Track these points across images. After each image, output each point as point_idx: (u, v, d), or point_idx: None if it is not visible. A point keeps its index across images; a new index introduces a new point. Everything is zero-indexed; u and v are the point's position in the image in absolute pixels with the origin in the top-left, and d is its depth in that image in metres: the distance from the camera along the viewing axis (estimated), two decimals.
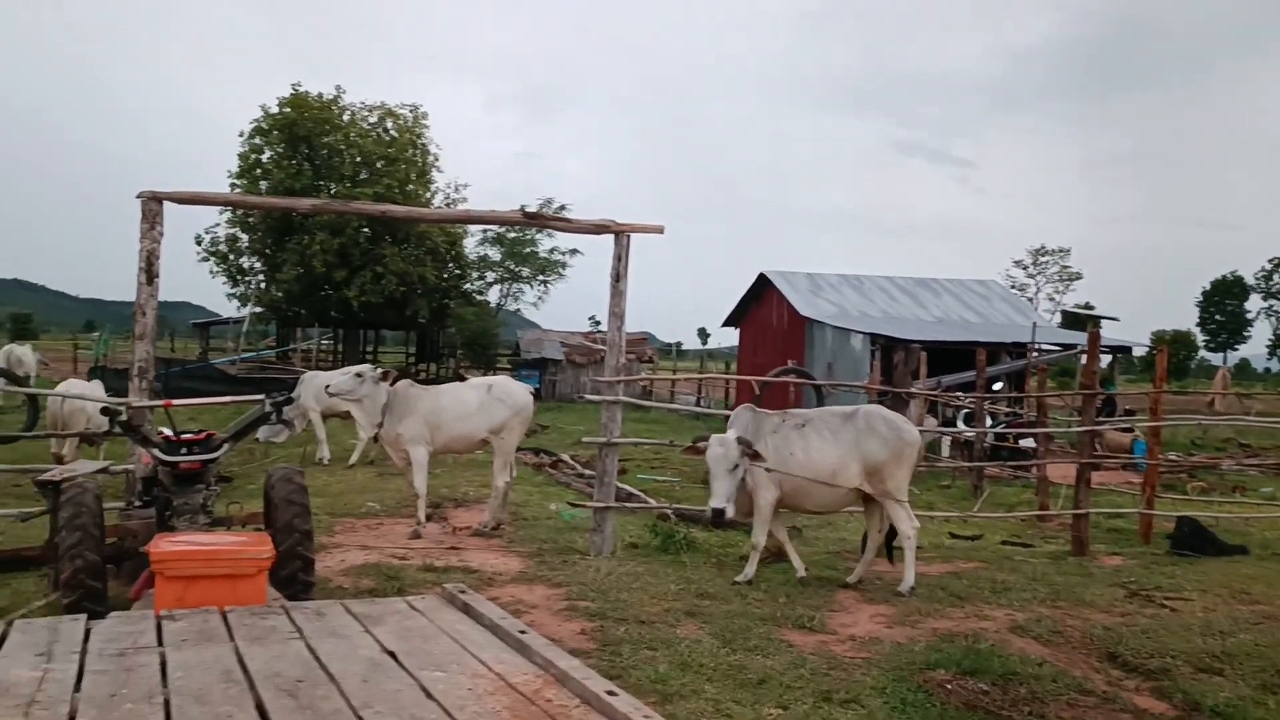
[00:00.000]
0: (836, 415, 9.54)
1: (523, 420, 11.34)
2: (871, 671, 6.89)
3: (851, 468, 9.16)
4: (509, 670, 3.53)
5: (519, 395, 11.33)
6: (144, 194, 9.14)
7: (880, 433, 9.24)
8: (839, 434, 9.26)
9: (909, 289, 34.78)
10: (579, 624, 7.61)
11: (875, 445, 9.19)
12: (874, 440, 9.20)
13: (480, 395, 11.29)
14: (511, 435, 11.22)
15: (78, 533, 6.43)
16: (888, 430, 9.28)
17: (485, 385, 11.60)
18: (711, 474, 8.65)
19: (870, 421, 9.33)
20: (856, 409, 9.61)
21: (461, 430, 11.13)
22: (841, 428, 9.30)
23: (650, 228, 10.18)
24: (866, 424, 9.30)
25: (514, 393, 11.35)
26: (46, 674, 3.35)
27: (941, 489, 17.82)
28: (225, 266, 40.35)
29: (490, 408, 11.12)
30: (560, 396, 38.95)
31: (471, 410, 11.15)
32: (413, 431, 11.01)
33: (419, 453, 11.00)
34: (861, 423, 9.31)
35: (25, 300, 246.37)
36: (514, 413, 11.15)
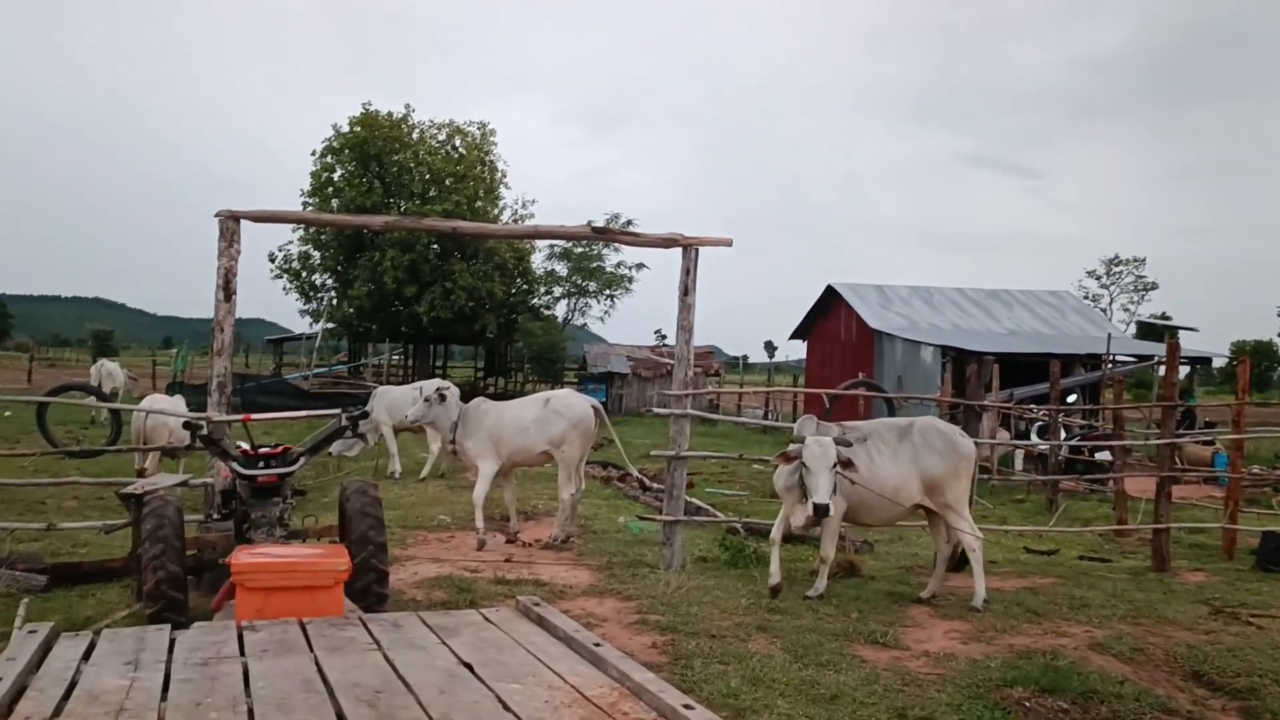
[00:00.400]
0: (893, 429, 9.45)
1: (582, 432, 11.23)
2: (947, 689, 6.78)
3: (911, 483, 9.09)
4: (584, 683, 3.53)
5: (577, 407, 11.30)
6: (222, 213, 9.34)
7: (936, 447, 9.16)
8: (897, 449, 9.18)
9: (980, 301, 34.30)
10: (650, 637, 7.60)
11: (932, 460, 9.11)
12: (931, 455, 9.13)
13: (537, 409, 11.36)
14: (571, 448, 11.16)
15: (160, 545, 6.56)
16: (943, 444, 9.20)
17: (543, 399, 11.64)
18: (812, 472, 8.46)
19: (926, 435, 9.25)
20: (912, 422, 9.52)
21: (520, 443, 11.21)
22: (899, 442, 9.23)
23: (719, 241, 10.16)
24: (923, 438, 9.22)
25: (572, 405, 11.33)
26: (134, 682, 3.42)
27: (1015, 503, 17.53)
28: (298, 283, 41.14)
29: (548, 421, 11.16)
30: (626, 410, 39.00)
31: (528, 424, 11.24)
32: (477, 446, 11.24)
33: (485, 466, 11.21)
34: (918, 437, 9.24)
35: (106, 318, 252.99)
36: (572, 425, 11.11)
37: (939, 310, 32.93)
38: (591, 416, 11.29)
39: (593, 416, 11.30)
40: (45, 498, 13.74)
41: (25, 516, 11.94)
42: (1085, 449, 19.50)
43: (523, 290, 42.44)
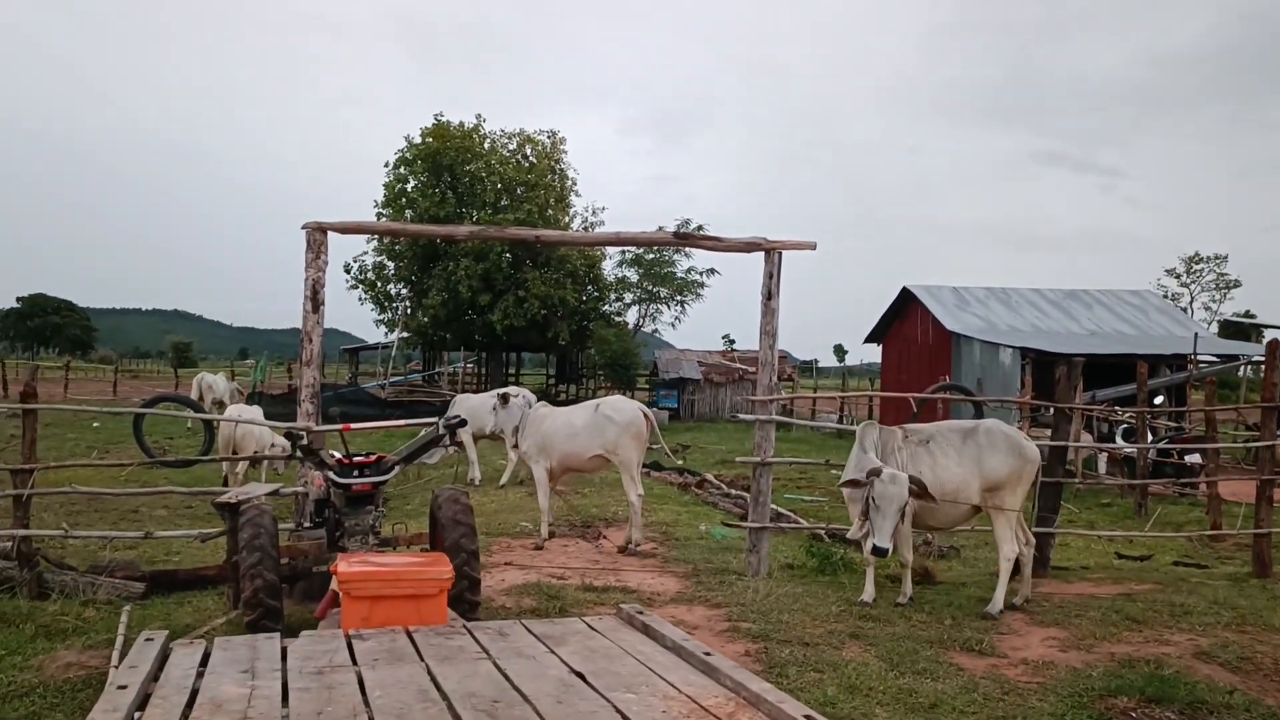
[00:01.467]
0: (957, 431, 9.29)
1: (634, 435, 11.28)
2: (1048, 698, 6.63)
3: (973, 484, 8.92)
4: (699, 693, 3.49)
5: (627, 412, 11.44)
6: (309, 225, 9.46)
7: (1001, 449, 9.00)
8: (962, 451, 9.02)
9: (1059, 301, 33.63)
10: (742, 645, 7.53)
11: (997, 462, 8.95)
12: (996, 457, 8.96)
13: (587, 414, 11.57)
14: (626, 451, 11.26)
15: (257, 553, 6.64)
16: (1008, 447, 9.04)
17: (593, 405, 11.83)
18: (880, 512, 8.31)
19: (991, 438, 9.08)
20: (976, 424, 9.34)
21: (570, 449, 11.45)
22: (963, 445, 9.07)
23: (802, 244, 10.06)
24: (988, 440, 9.06)
25: (622, 409, 11.49)
26: (254, 691, 3.45)
27: (1102, 507, 17.15)
28: (373, 293, 41.69)
29: (599, 426, 11.33)
30: (699, 416, 38.90)
31: (579, 429, 11.45)
32: (531, 450, 11.65)
33: (537, 471, 11.61)
34: (983, 439, 9.07)
35: (185, 329, 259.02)
36: (623, 429, 11.21)
37: (1017, 311, 32.34)
38: (641, 420, 11.38)
39: (643, 420, 11.39)
40: (138, 506, 14.05)
41: (119, 525, 12.23)
42: (1174, 452, 19.01)
43: (594, 297, 42.57)
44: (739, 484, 17.33)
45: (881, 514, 8.32)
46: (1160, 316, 33.31)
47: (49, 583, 8.84)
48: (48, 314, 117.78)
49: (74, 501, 13.39)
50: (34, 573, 8.77)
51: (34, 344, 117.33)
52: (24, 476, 9.00)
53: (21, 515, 8.96)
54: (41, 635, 7.58)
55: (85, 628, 7.82)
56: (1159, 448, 18.74)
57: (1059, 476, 10.79)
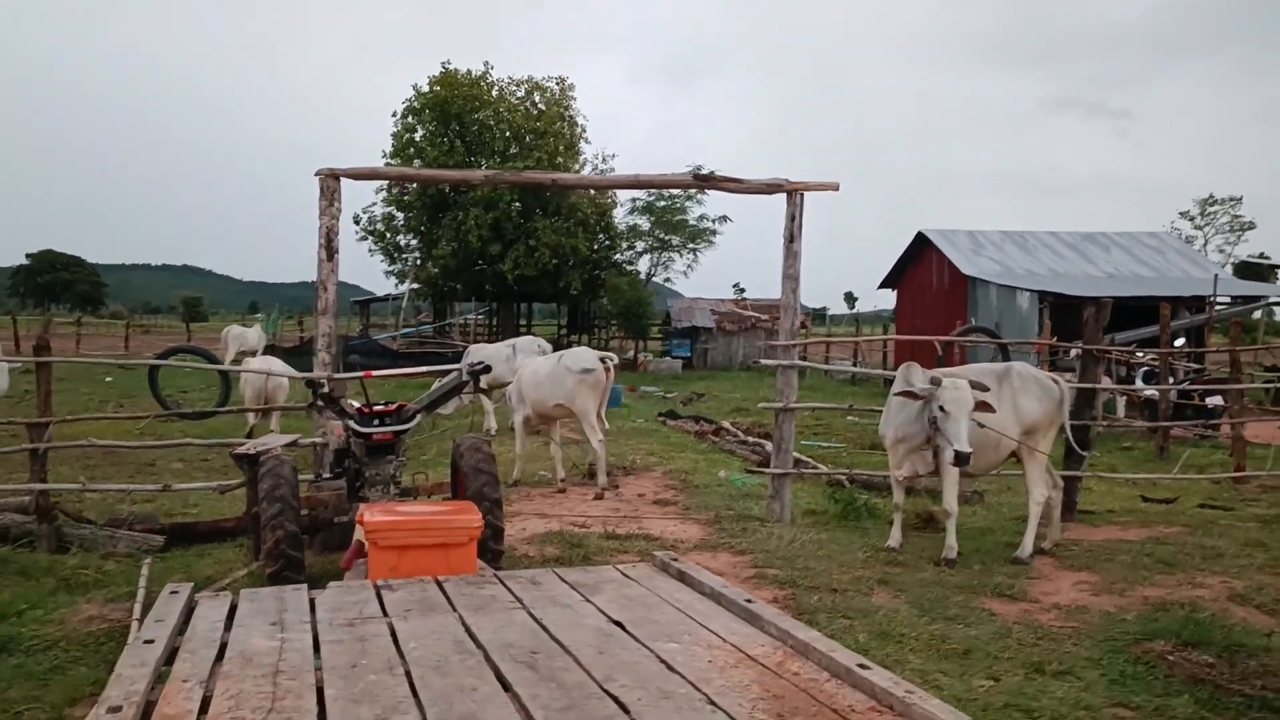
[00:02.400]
0: (990, 373, 9.09)
1: (591, 385, 11.66)
2: (1083, 642, 6.53)
3: (1011, 429, 8.76)
4: (744, 641, 3.37)
5: (584, 362, 11.79)
6: (322, 171, 9.28)
7: (1034, 392, 8.89)
8: (999, 394, 8.82)
9: (1076, 244, 33.25)
10: (770, 592, 7.44)
11: (1031, 404, 8.84)
12: (1029, 399, 8.85)
13: (551, 365, 12.07)
14: (583, 401, 11.62)
15: (278, 504, 6.54)
16: (1039, 388, 8.93)
17: (558, 356, 12.31)
18: (951, 417, 8.08)
19: (1024, 380, 8.97)
20: (1008, 366, 9.22)
21: (536, 396, 11.99)
22: (999, 388, 8.89)
23: (825, 185, 9.85)
24: (1021, 383, 8.93)
25: (580, 360, 11.87)
26: (284, 643, 3.34)
27: (1123, 451, 16.99)
28: (383, 245, 41.45)
29: (559, 377, 11.76)
30: (712, 364, 38.76)
31: (542, 379, 11.98)
32: (511, 398, 12.53)
33: (516, 418, 12.35)
34: (1016, 381, 8.94)
35: (194, 284, 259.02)
36: (579, 379, 11.60)
37: (1033, 255, 31.98)
38: (599, 371, 11.70)
39: (600, 371, 11.71)
40: (154, 459, 13.99)
41: (136, 478, 12.16)
42: (1196, 394, 18.81)
43: (605, 246, 42.24)
44: (756, 431, 17.22)
45: (953, 419, 8.10)
46: (1178, 258, 32.94)
47: (68, 536, 8.79)
48: (57, 270, 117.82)
49: (91, 455, 13.34)
50: (53, 527, 8.71)
51: (44, 300, 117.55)
52: (40, 430, 8.91)
53: (39, 469, 8.89)
54: (62, 589, 7.53)
55: (106, 581, 7.76)
56: (1180, 389, 18.54)
57: (1086, 420, 10.64)
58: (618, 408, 21.99)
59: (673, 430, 18.26)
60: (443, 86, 38.96)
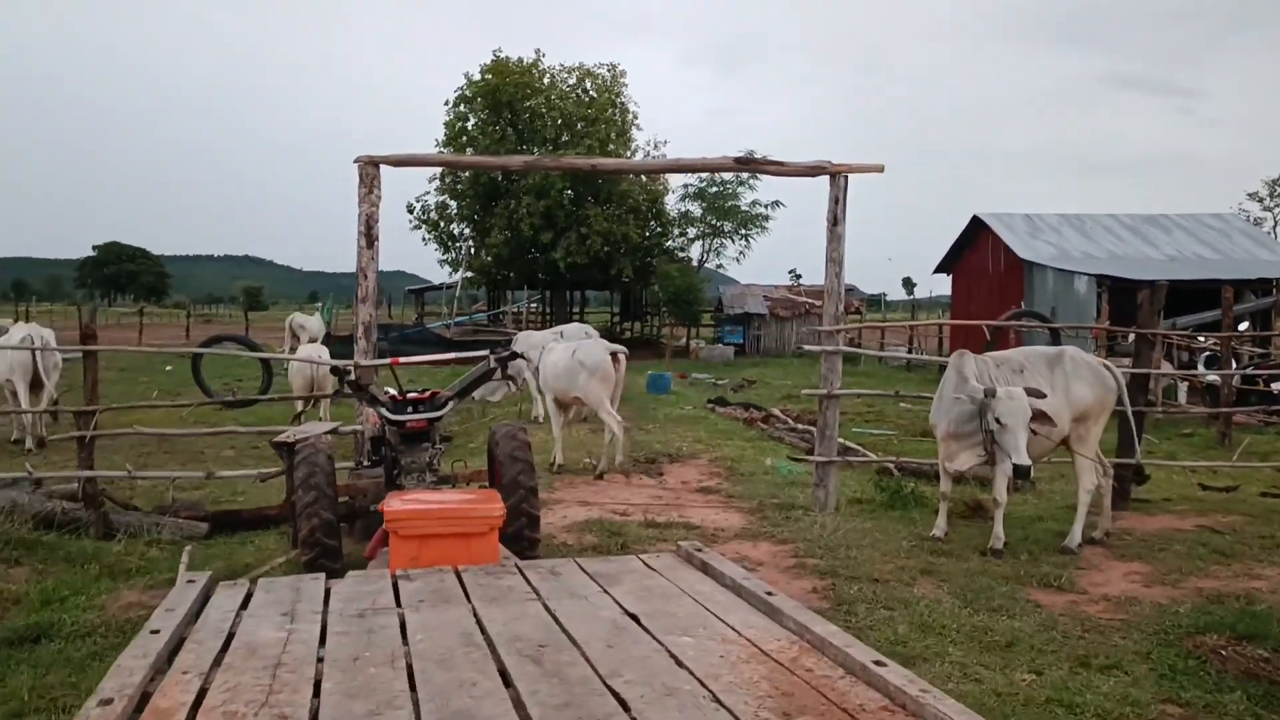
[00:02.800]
0: (1042, 358, 8.88)
1: (601, 378, 12.05)
2: (1132, 635, 6.34)
3: (1064, 415, 8.51)
4: (760, 636, 3.26)
5: (594, 357, 12.20)
6: (360, 159, 9.27)
7: (1085, 377, 8.65)
8: (1051, 380, 8.61)
9: (1136, 226, 32.48)
10: (809, 582, 7.32)
11: (1084, 390, 8.60)
12: (1082, 385, 8.62)
13: (567, 359, 12.43)
14: (594, 394, 12.00)
15: (313, 492, 6.52)
16: (1091, 374, 8.69)
17: (572, 349, 12.69)
18: (1009, 430, 7.87)
19: (1076, 365, 8.73)
20: (1061, 351, 8.96)
21: (558, 387, 12.46)
22: (1051, 372, 8.68)
23: (869, 167, 9.65)
24: (1073, 368, 8.69)
25: (590, 355, 12.28)
26: (291, 634, 3.30)
27: (1183, 438, 16.58)
28: (436, 233, 41.71)
29: (573, 371, 12.18)
30: (764, 351, 38.52)
31: (561, 371, 12.42)
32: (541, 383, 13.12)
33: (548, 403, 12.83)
34: (1069, 366, 8.70)
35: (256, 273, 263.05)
36: (590, 374, 12.01)
37: (1092, 238, 31.30)
38: (608, 365, 12.13)
39: (609, 365, 12.14)
40: (204, 447, 14.15)
41: (187, 466, 12.27)
42: (1260, 379, 18.30)
43: (657, 233, 42.13)
44: (806, 418, 17.03)
45: (1010, 431, 7.89)
46: (1244, 240, 32.06)
47: (115, 523, 8.89)
48: (123, 261, 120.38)
49: (145, 443, 13.52)
50: (99, 513, 8.81)
51: (110, 291, 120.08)
52: (87, 418, 9.03)
53: (86, 456, 9.01)
54: (106, 575, 7.62)
55: (148, 567, 7.84)
56: (1244, 374, 18.04)
57: (1140, 405, 10.35)
58: (666, 394, 21.93)
59: (721, 417, 18.14)
60: (494, 75, 39.08)
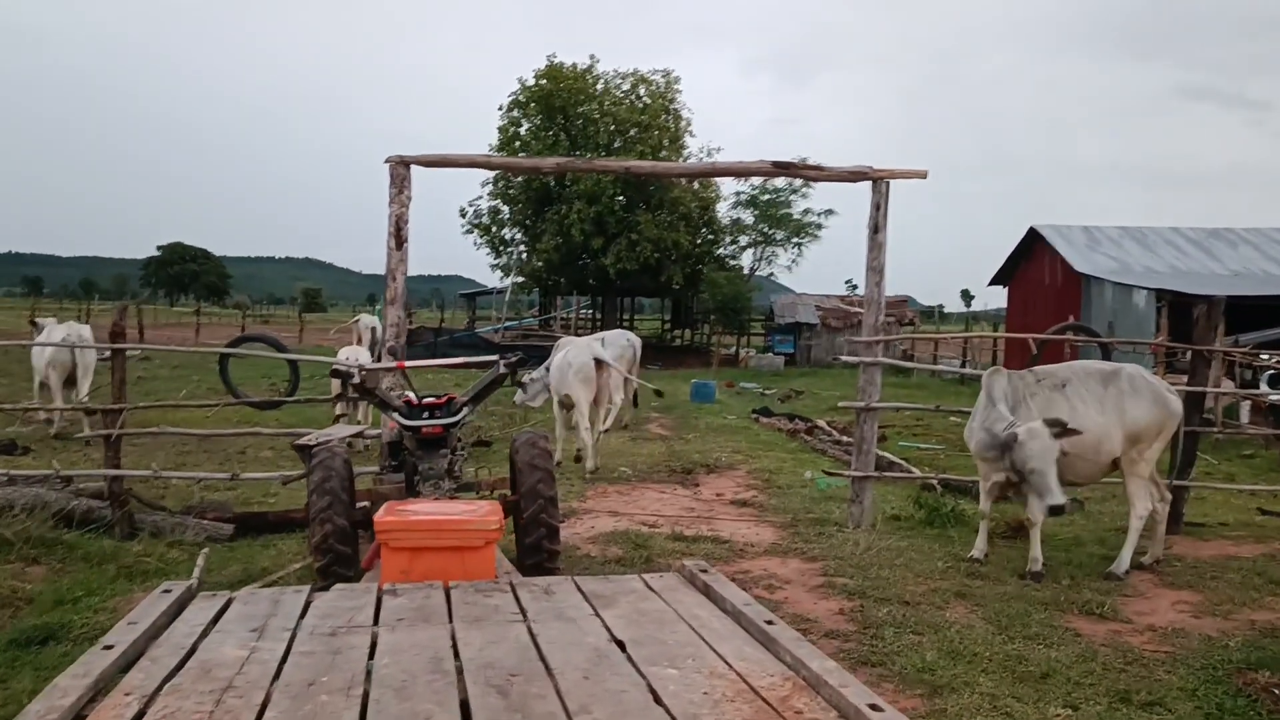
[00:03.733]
0: (1095, 374, 8.39)
1: (583, 380, 12.67)
2: (1177, 669, 5.98)
3: (1115, 435, 8.07)
4: (751, 669, 3.01)
5: (577, 361, 12.79)
6: (391, 159, 9.15)
7: (1146, 397, 8.14)
8: (1103, 397, 8.16)
9: (1200, 240, 31.62)
10: (836, 602, 7.04)
11: (1141, 411, 8.09)
12: (1140, 405, 8.11)
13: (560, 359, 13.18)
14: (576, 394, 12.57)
15: (327, 497, 6.36)
16: (1152, 395, 8.17)
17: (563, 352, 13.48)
18: (1037, 471, 7.56)
19: (1134, 384, 8.21)
20: (1119, 368, 8.47)
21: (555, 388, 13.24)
22: (1104, 389, 8.21)
23: (911, 173, 9.36)
24: (1131, 386, 8.19)
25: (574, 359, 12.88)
26: (253, 654, 3.10)
27: (1244, 459, 16.00)
28: (488, 238, 41.78)
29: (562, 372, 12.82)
30: (815, 361, 38.09)
31: (554, 372, 13.21)
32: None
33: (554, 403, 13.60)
34: (1125, 384, 8.20)
35: (316, 277, 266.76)
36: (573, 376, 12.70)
37: (1153, 251, 30.52)
38: (590, 366, 12.70)
39: (591, 366, 12.70)
40: (245, 447, 14.14)
41: (225, 466, 12.23)
42: None
43: (708, 240, 41.88)
44: (852, 431, 16.68)
45: (1039, 473, 7.56)
46: None
47: (140, 523, 8.84)
48: (185, 262, 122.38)
49: (185, 443, 13.53)
50: (124, 512, 8.76)
51: (173, 291, 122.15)
52: (113, 417, 8.98)
53: (113, 455, 8.96)
54: (123, 576, 7.54)
55: (167, 569, 7.75)
56: None
57: (1196, 425, 9.93)
58: (711, 403, 21.66)
59: (764, 428, 17.84)
60: (548, 80, 39.09)
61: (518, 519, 6.68)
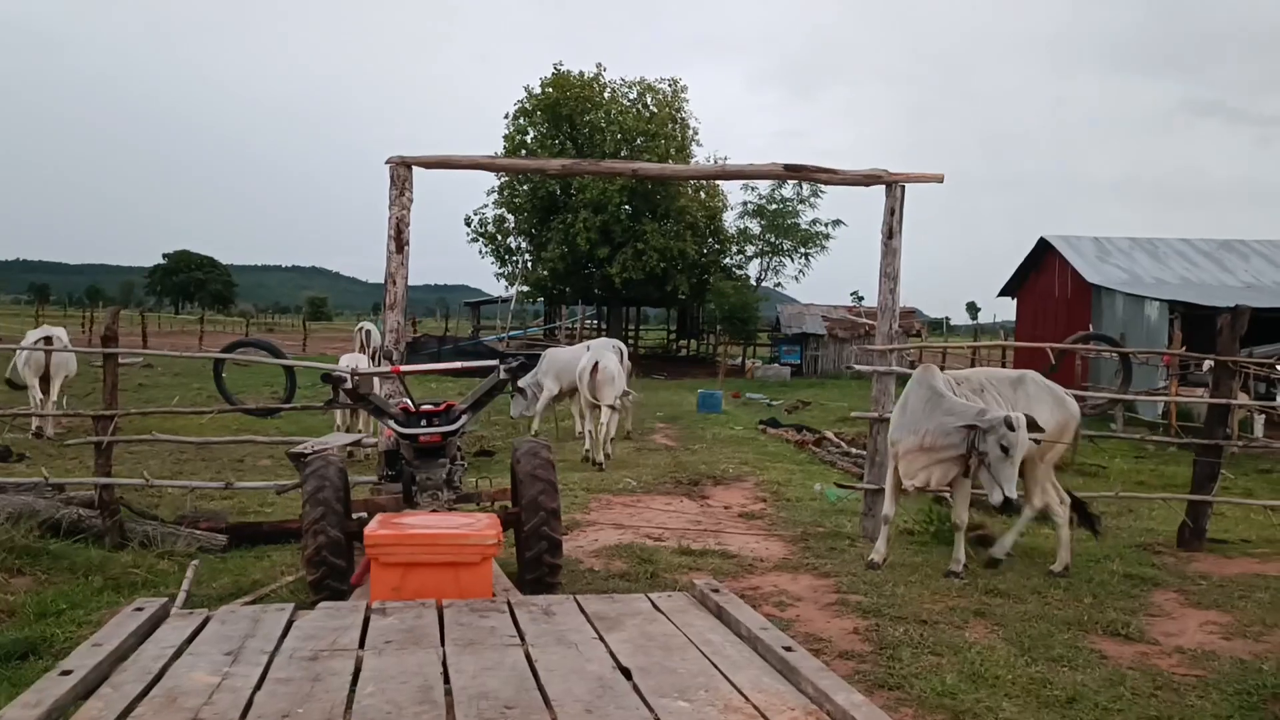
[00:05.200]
0: (1004, 379, 8.58)
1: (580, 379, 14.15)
2: (1210, 695, 5.69)
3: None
4: (770, 702, 2.74)
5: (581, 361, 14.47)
6: (392, 159, 8.90)
7: (1048, 401, 8.33)
8: (1014, 401, 8.24)
9: (1211, 252, 31.25)
10: (851, 621, 6.75)
11: (1045, 413, 8.14)
12: (1044, 408, 8.20)
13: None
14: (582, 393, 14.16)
15: (320, 508, 6.11)
16: (1054, 399, 8.41)
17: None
18: (1009, 460, 7.38)
19: (1038, 388, 8.44)
20: (1023, 374, 8.65)
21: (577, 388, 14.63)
22: (1013, 393, 8.34)
23: (928, 177, 9.09)
24: (1035, 391, 8.40)
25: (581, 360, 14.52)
26: (225, 680, 2.83)
27: (1261, 474, 15.67)
28: (494, 247, 41.54)
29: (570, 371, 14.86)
30: (822, 372, 37.80)
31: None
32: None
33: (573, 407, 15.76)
34: (1031, 388, 8.41)
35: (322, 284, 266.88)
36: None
37: (1164, 263, 30.17)
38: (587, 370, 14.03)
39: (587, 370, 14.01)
40: (244, 456, 13.89)
41: (222, 475, 11.97)
42: None
43: (715, 250, 41.58)
44: (860, 442, 16.37)
45: (1010, 463, 7.40)
46: None
47: (130, 533, 8.57)
48: (191, 270, 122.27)
49: (183, 450, 13.28)
50: (114, 521, 8.49)
51: (178, 298, 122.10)
52: (105, 423, 8.72)
53: (103, 462, 8.70)
54: (109, 587, 7.26)
55: (155, 580, 7.50)
56: None
57: (1218, 438, 9.65)
58: (717, 414, 21.38)
59: (771, 439, 17.55)
60: (555, 88, 38.89)
61: (519, 532, 6.42)
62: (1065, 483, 10.15)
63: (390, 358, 8.64)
